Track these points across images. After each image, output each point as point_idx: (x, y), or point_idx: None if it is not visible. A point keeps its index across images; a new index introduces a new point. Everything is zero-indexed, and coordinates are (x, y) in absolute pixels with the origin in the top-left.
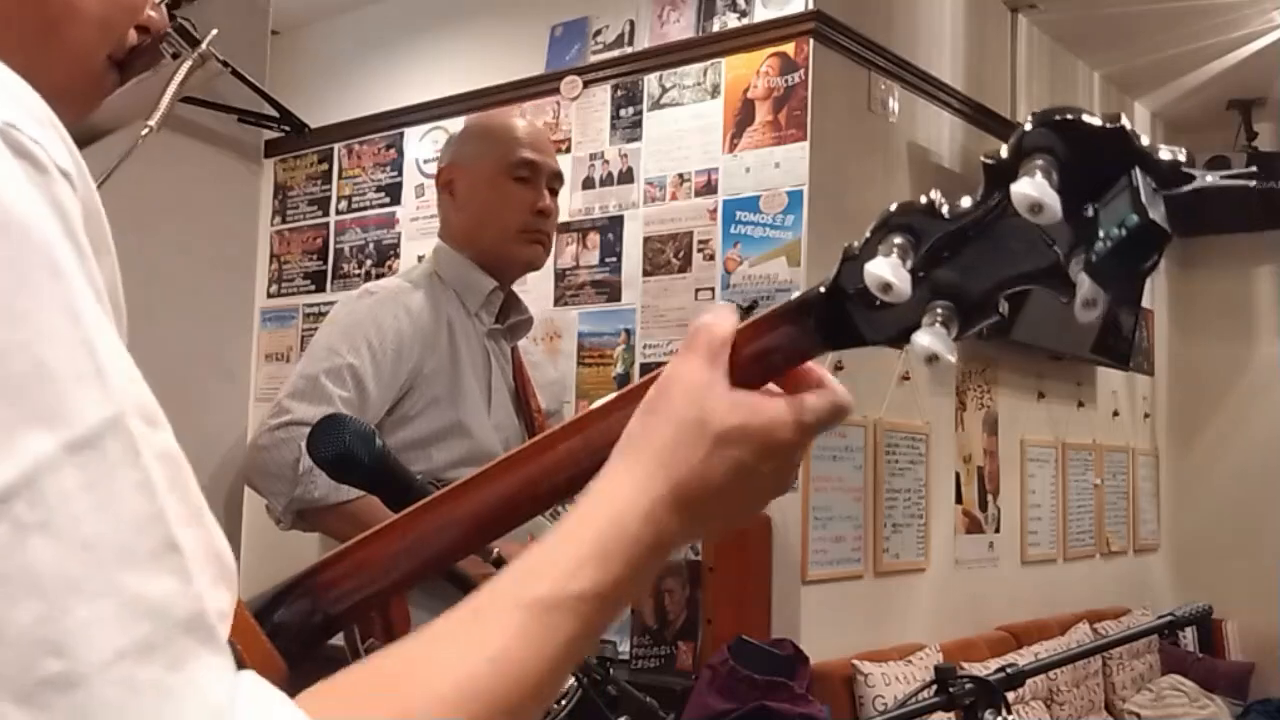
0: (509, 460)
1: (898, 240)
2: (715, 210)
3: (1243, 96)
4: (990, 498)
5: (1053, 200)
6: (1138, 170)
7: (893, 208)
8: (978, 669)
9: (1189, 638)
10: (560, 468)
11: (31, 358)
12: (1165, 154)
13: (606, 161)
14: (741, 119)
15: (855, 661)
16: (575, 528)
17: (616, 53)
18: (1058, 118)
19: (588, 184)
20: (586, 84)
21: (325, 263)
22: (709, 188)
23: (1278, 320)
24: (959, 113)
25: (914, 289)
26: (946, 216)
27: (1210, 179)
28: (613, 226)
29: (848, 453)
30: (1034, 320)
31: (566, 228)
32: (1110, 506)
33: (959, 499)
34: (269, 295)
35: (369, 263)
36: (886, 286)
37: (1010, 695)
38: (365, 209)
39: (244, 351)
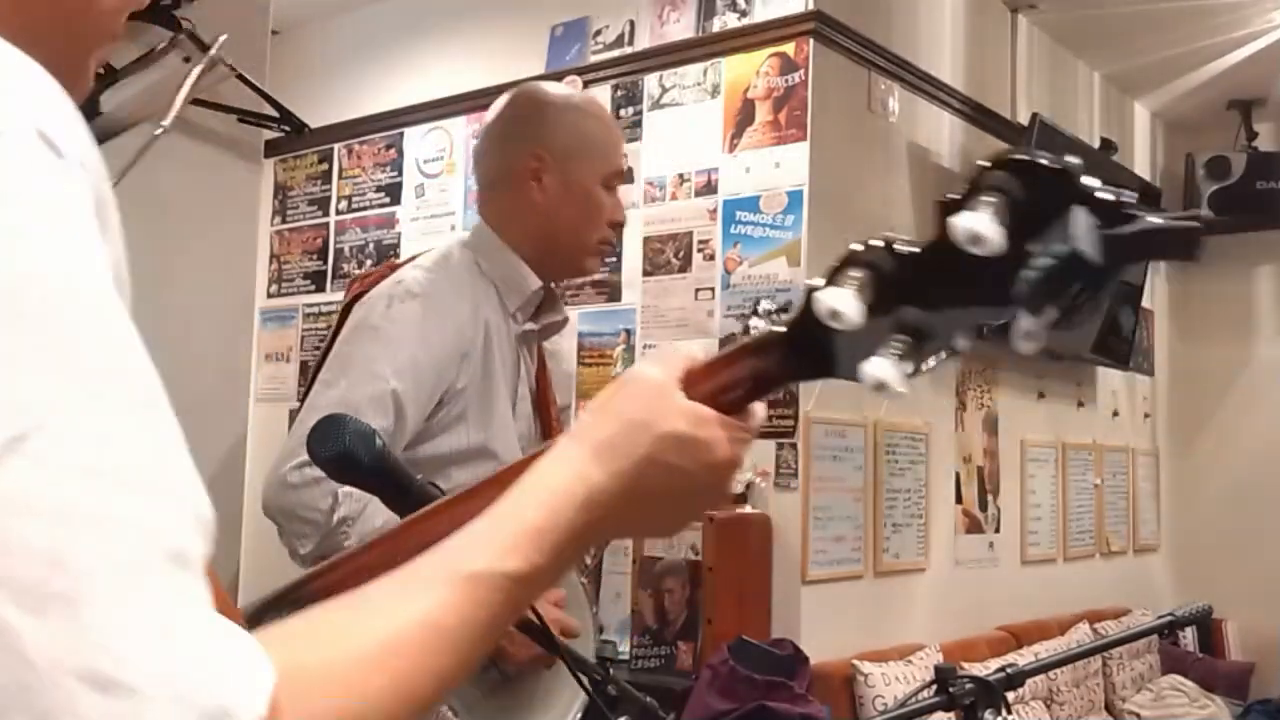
0: (509, 470)
1: (854, 274)
2: (715, 210)
3: (1243, 96)
4: (990, 498)
5: (993, 233)
6: (1078, 209)
7: (854, 245)
8: (978, 669)
9: (1189, 638)
10: None
11: (50, 301)
12: (1107, 195)
13: None
14: (741, 119)
15: (855, 661)
16: (513, 508)
17: (616, 53)
18: (1011, 158)
19: None
20: (586, 84)
21: (325, 263)
22: (709, 188)
23: (1278, 320)
24: (959, 113)
25: (872, 323)
26: (903, 254)
27: (1153, 220)
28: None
29: (848, 453)
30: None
31: None
32: (1110, 506)
33: (959, 499)
34: (269, 295)
35: (369, 263)
36: (834, 314)
37: (1010, 695)
38: (365, 209)
39: (244, 351)
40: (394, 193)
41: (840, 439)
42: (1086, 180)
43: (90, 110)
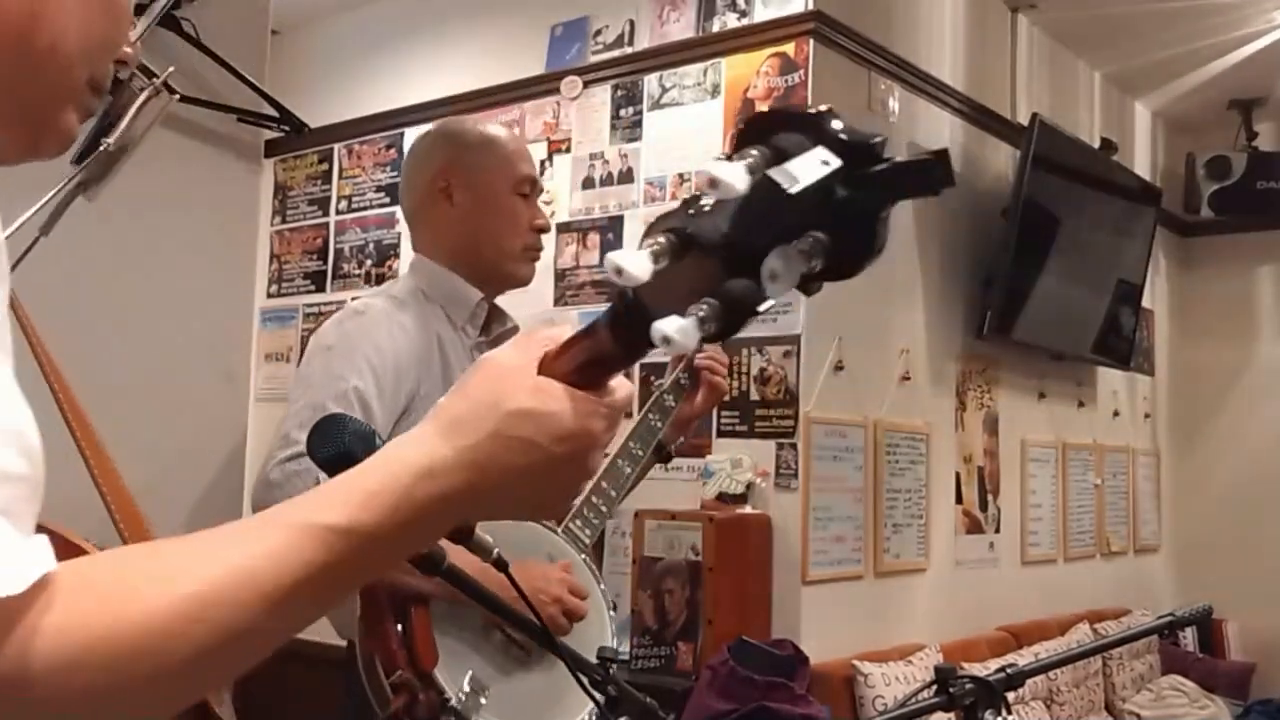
0: None
1: (658, 239)
2: None
3: (1243, 96)
4: (991, 498)
5: (734, 177)
6: (821, 149)
7: (658, 215)
8: (978, 669)
9: (1189, 638)
10: None
11: None
12: (856, 136)
13: (606, 161)
14: (741, 119)
15: (855, 662)
16: (356, 474)
17: (616, 53)
18: (760, 112)
19: (588, 184)
20: (586, 84)
21: (325, 263)
22: None
23: (1278, 320)
24: (959, 113)
25: (671, 285)
26: (691, 214)
27: (900, 159)
28: (613, 226)
29: (848, 453)
30: (1035, 320)
31: (566, 228)
32: (1111, 507)
33: (959, 499)
34: (269, 295)
35: (369, 263)
36: (618, 270)
37: (1010, 695)
38: (365, 209)
39: (244, 351)
40: (394, 192)
41: (840, 439)
42: (835, 124)
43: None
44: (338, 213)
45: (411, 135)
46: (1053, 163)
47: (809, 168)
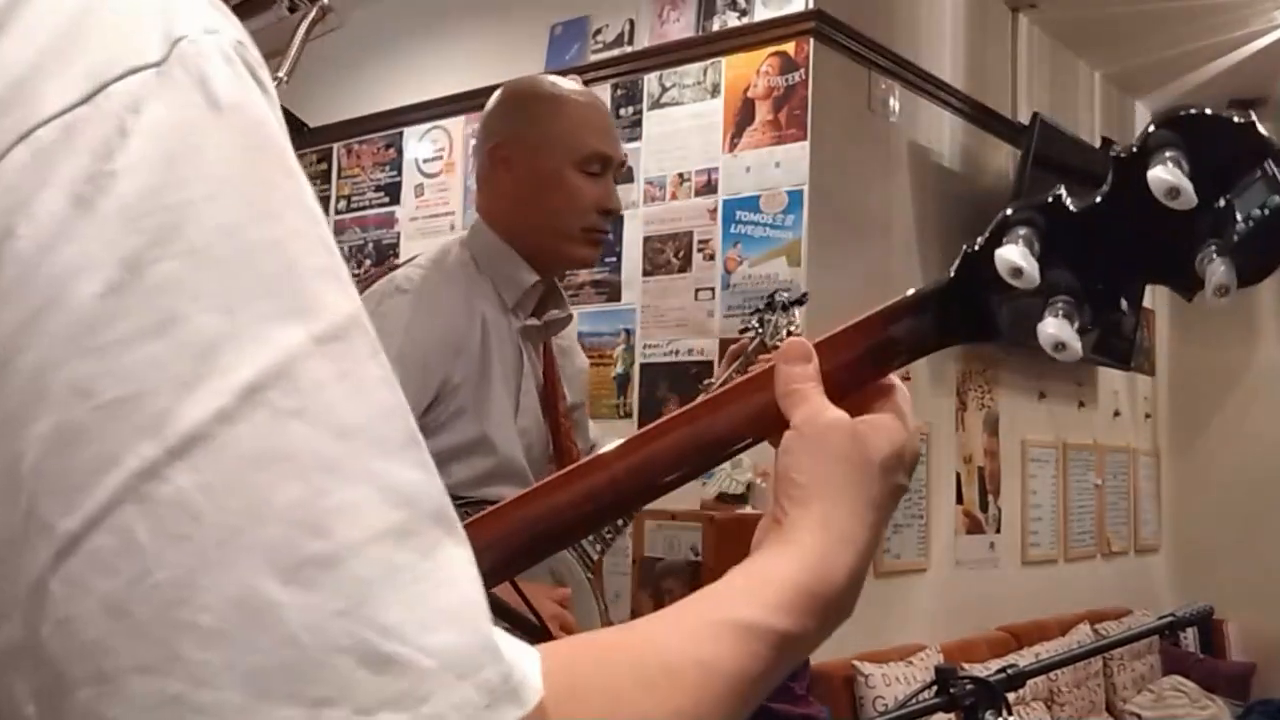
0: (582, 468)
1: (1022, 232)
2: (715, 210)
3: (1243, 96)
4: (991, 498)
5: (1188, 186)
6: (1271, 161)
7: (1011, 208)
8: (978, 669)
9: (1190, 638)
10: (669, 464)
11: (283, 254)
12: None
13: None
14: (741, 119)
15: (855, 662)
16: (784, 564)
17: (616, 52)
18: (1183, 114)
19: None
20: (586, 83)
21: None
22: (709, 187)
23: (1278, 321)
24: (959, 112)
25: (1041, 282)
26: (1072, 210)
27: None
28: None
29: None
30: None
31: None
32: (1111, 507)
33: (960, 499)
34: None
35: (368, 263)
36: (1017, 271)
37: (1011, 696)
38: (365, 209)
39: None
40: (393, 192)
41: None
42: (1267, 134)
43: None
44: (337, 213)
45: (411, 135)
46: (1053, 162)
47: (1266, 187)
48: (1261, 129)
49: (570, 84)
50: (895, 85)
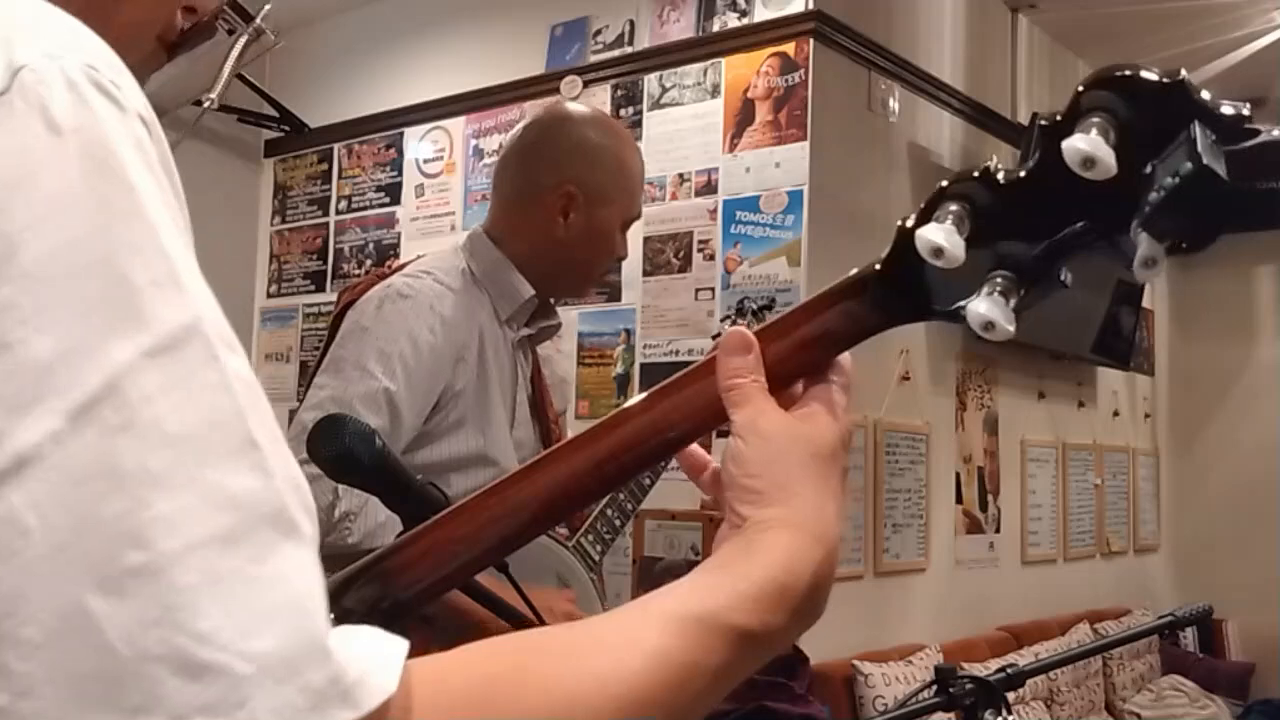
0: (575, 442)
1: (952, 208)
2: (715, 210)
3: (1243, 96)
4: (990, 498)
5: (1106, 155)
6: (1197, 124)
7: (945, 181)
8: (978, 669)
9: (1189, 638)
10: (628, 447)
11: (115, 270)
12: (1228, 108)
13: None
14: (741, 119)
15: (855, 662)
16: (749, 563)
17: (616, 52)
18: (1115, 74)
19: None
20: (586, 84)
21: (325, 263)
22: (709, 188)
23: (1278, 320)
24: (959, 113)
25: (970, 257)
26: (1001, 183)
27: (1277, 133)
28: None
29: (848, 453)
30: (1035, 320)
31: None
32: (1110, 507)
33: (959, 499)
34: (269, 295)
35: (369, 263)
36: (938, 251)
37: (1010, 695)
38: (365, 209)
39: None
40: (394, 192)
41: None
42: (1203, 94)
43: None
44: (337, 213)
45: (411, 135)
46: None
47: (1188, 151)
48: (1193, 89)
49: (624, 132)
50: (895, 85)
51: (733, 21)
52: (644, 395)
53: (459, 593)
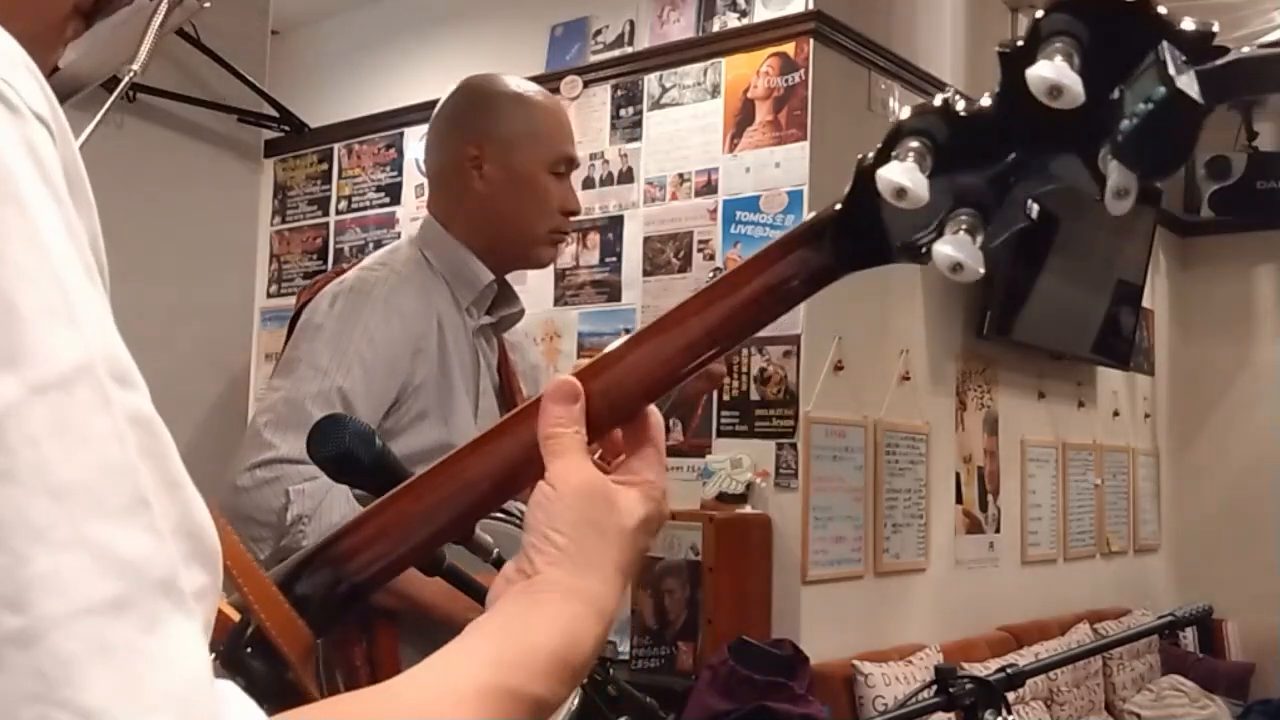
0: (520, 414)
1: (913, 144)
2: (715, 210)
3: (1243, 96)
4: (990, 498)
5: (1073, 82)
6: (1165, 44)
7: (905, 113)
8: (978, 669)
9: (1189, 638)
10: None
11: (1, 299)
12: (1192, 25)
13: (606, 161)
14: (741, 119)
15: (855, 662)
16: (542, 630)
17: (616, 53)
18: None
19: (588, 184)
20: (586, 84)
21: (325, 263)
22: (709, 188)
23: (1278, 320)
24: None
25: (933, 195)
26: (963, 116)
27: (1246, 50)
28: (613, 226)
29: (848, 453)
30: (1034, 320)
31: None
32: (1110, 507)
33: (959, 499)
34: (269, 295)
35: None
36: (900, 191)
37: (1010, 695)
38: (365, 209)
39: (244, 351)
40: (394, 192)
41: (840, 439)
42: (1165, 13)
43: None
44: (337, 212)
45: (411, 135)
46: None
47: (1157, 74)
48: (1154, 7)
49: (532, 84)
50: (895, 85)
51: (733, 21)
52: (585, 363)
53: (425, 589)
